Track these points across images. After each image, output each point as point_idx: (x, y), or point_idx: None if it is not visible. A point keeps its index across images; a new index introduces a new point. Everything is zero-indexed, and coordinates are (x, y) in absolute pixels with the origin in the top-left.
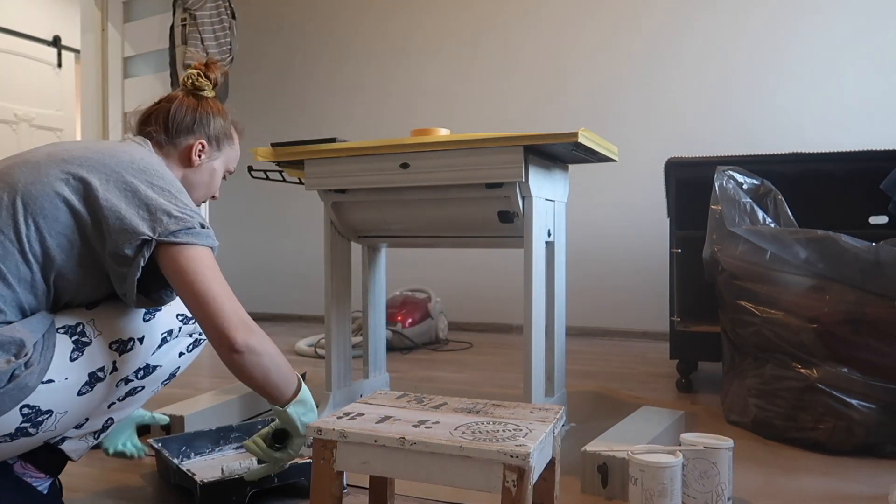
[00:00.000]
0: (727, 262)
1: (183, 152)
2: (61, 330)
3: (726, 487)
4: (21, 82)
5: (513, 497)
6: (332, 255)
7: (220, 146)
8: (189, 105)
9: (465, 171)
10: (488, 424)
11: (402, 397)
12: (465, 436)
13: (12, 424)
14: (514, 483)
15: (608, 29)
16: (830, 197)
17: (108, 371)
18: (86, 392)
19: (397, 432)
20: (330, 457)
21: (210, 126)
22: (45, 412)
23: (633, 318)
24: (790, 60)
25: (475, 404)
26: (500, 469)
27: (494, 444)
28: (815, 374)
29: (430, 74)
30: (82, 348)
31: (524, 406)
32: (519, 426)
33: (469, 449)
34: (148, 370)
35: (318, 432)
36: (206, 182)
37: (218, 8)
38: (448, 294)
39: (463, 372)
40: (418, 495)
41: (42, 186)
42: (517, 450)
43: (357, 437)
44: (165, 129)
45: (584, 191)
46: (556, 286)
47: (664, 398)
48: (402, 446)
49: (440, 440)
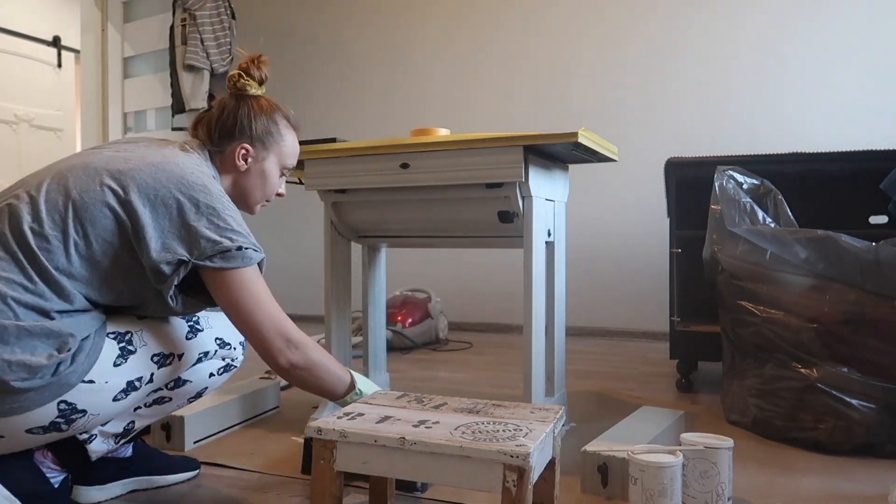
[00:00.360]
0: (727, 262)
1: (229, 158)
2: (111, 335)
3: (726, 487)
4: (21, 82)
5: (513, 497)
6: (332, 255)
7: (266, 146)
8: (229, 109)
9: (465, 171)
10: (488, 424)
11: (403, 397)
12: (465, 436)
13: (47, 418)
14: (514, 483)
15: (608, 29)
16: (830, 197)
17: (144, 382)
18: (120, 399)
19: (397, 432)
20: (330, 457)
21: (252, 127)
22: (80, 411)
23: (633, 318)
24: (790, 60)
25: (475, 404)
26: (500, 469)
27: (495, 444)
28: (815, 374)
29: (430, 74)
30: (127, 356)
31: (524, 406)
32: (519, 426)
33: (469, 449)
34: (178, 383)
35: (318, 432)
36: (258, 185)
37: (218, 8)
38: (448, 294)
39: (463, 372)
40: (419, 494)
41: (93, 195)
42: (517, 450)
43: (357, 437)
44: (210, 137)
45: (584, 191)
46: (556, 286)
47: (664, 398)
48: (403, 446)
49: (440, 440)
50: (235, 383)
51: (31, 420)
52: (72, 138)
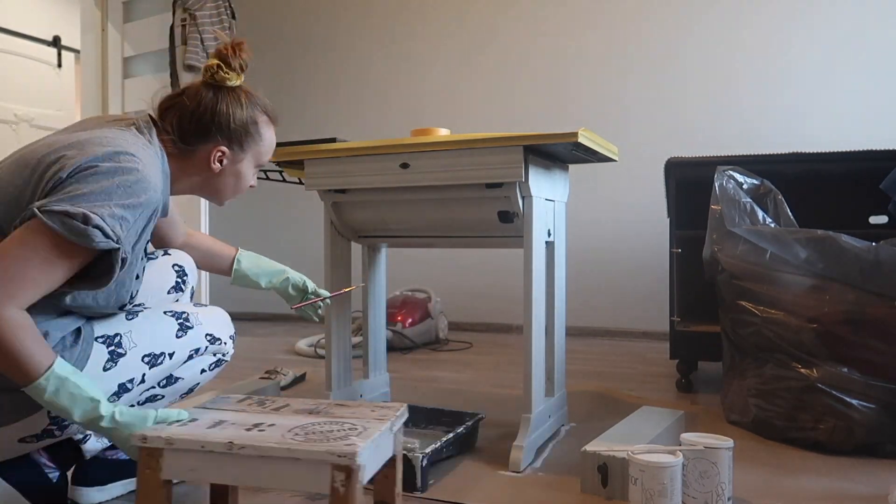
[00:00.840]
0: (727, 262)
1: (201, 158)
2: (100, 339)
3: (726, 487)
4: (21, 82)
5: (341, 497)
6: (332, 255)
7: (243, 146)
8: (206, 103)
9: (465, 171)
10: (324, 425)
11: (244, 401)
12: (297, 437)
13: (40, 426)
14: (342, 483)
15: (608, 29)
16: (830, 197)
17: (136, 383)
18: (112, 401)
19: (226, 437)
20: (156, 465)
21: (230, 127)
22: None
23: (633, 318)
24: (790, 60)
25: (317, 405)
26: (328, 469)
27: (323, 445)
28: (815, 374)
29: (431, 74)
30: (116, 359)
31: (367, 405)
32: (355, 425)
33: (297, 451)
34: (170, 380)
35: (143, 440)
36: (231, 184)
37: (218, 8)
38: (448, 294)
39: (463, 372)
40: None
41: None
42: (345, 449)
43: (184, 443)
44: (179, 132)
45: (584, 191)
46: (556, 286)
47: (664, 398)
48: (231, 451)
49: (269, 443)
50: (235, 383)
51: (24, 429)
52: None
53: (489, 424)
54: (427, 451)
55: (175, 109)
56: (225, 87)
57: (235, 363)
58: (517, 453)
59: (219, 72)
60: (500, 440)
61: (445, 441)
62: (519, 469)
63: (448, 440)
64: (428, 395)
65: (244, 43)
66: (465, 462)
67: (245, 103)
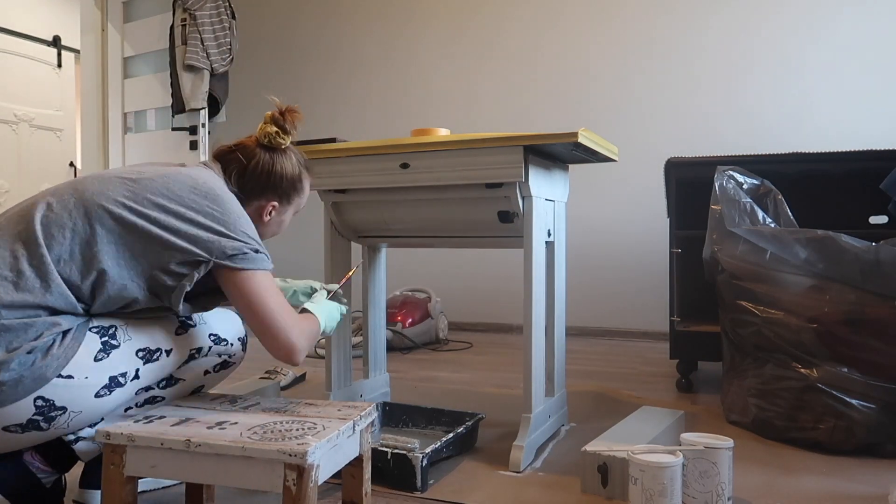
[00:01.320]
0: (727, 262)
1: (254, 210)
2: (94, 329)
3: (726, 487)
4: (21, 82)
5: (293, 496)
6: (332, 255)
7: (290, 200)
8: (263, 164)
9: (465, 171)
10: (286, 424)
11: (217, 399)
12: (254, 436)
13: (24, 415)
14: (294, 482)
15: (609, 29)
16: (830, 197)
17: (129, 378)
18: (103, 395)
19: (185, 434)
20: (120, 462)
21: (282, 184)
22: (59, 408)
23: (633, 318)
24: (791, 60)
25: (287, 404)
26: (281, 468)
27: (276, 444)
28: (815, 374)
29: (431, 75)
30: (109, 350)
31: (335, 404)
32: (315, 425)
33: (251, 449)
34: (171, 382)
35: (106, 437)
36: (272, 231)
37: (218, 8)
38: (448, 294)
39: (463, 372)
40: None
41: (105, 199)
42: (296, 448)
43: (145, 440)
44: (238, 185)
45: (584, 191)
46: (556, 286)
47: (664, 398)
48: (188, 449)
49: (224, 441)
50: (235, 383)
51: (8, 417)
52: (72, 138)
53: (489, 424)
54: (427, 451)
55: (234, 165)
56: (278, 149)
57: None
58: (517, 453)
59: (276, 137)
60: (500, 440)
61: (445, 441)
62: (519, 469)
63: (448, 440)
64: (428, 395)
65: (297, 109)
66: (465, 462)
67: (296, 163)
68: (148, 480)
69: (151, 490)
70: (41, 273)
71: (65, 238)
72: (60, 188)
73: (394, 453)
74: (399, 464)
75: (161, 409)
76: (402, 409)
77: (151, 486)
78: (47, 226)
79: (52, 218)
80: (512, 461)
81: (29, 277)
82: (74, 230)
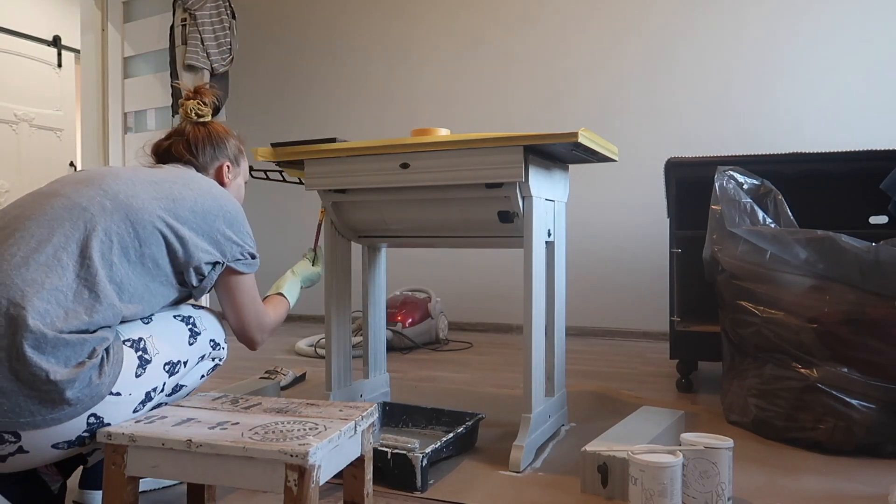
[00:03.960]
0: (727, 262)
1: (215, 177)
2: (127, 343)
3: (726, 487)
4: (21, 82)
5: (294, 496)
6: (332, 255)
7: (237, 162)
8: (202, 134)
9: (465, 171)
10: (288, 424)
11: (219, 399)
12: (256, 437)
13: (75, 432)
14: (295, 482)
15: (608, 29)
16: (830, 197)
17: (158, 392)
18: (139, 409)
19: (187, 435)
20: (121, 462)
21: (226, 146)
22: (105, 425)
23: (633, 318)
24: (790, 60)
25: (288, 404)
26: (282, 469)
27: (277, 444)
28: (815, 374)
29: (431, 74)
30: (145, 366)
31: (337, 405)
32: (317, 425)
33: (252, 450)
34: (177, 389)
35: (108, 437)
36: (238, 198)
37: (218, 8)
38: (448, 294)
39: (463, 372)
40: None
41: (145, 214)
42: (297, 449)
43: (146, 440)
44: (194, 159)
45: (584, 191)
46: (556, 286)
47: (664, 398)
48: (189, 449)
49: (225, 442)
50: (235, 383)
51: (61, 434)
52: (72, 138)
53: (489, 424)
54: (427, 451)
55: (179, 145)
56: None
57: (236, 363)
58: (517, 453)
59: (200, 108)
60: (500, 440)
61: (445, 441)
62: (519, 469)
63: (448, 440)
64: (428, 395)
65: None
66: (465, 462)
67: (228, 129)
68: (149, 480)
69: (152, 490)
70: (91, 286)
71: (112, 252)
72: (90, 191)
73: (394, 453)
74: (399, 464)
75: (162, 409)
76: (402, 409)
77: (152, 487)
78: (99, 239)
79: (100, 232)
80: (512, 461)
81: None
82: (122, 246)
